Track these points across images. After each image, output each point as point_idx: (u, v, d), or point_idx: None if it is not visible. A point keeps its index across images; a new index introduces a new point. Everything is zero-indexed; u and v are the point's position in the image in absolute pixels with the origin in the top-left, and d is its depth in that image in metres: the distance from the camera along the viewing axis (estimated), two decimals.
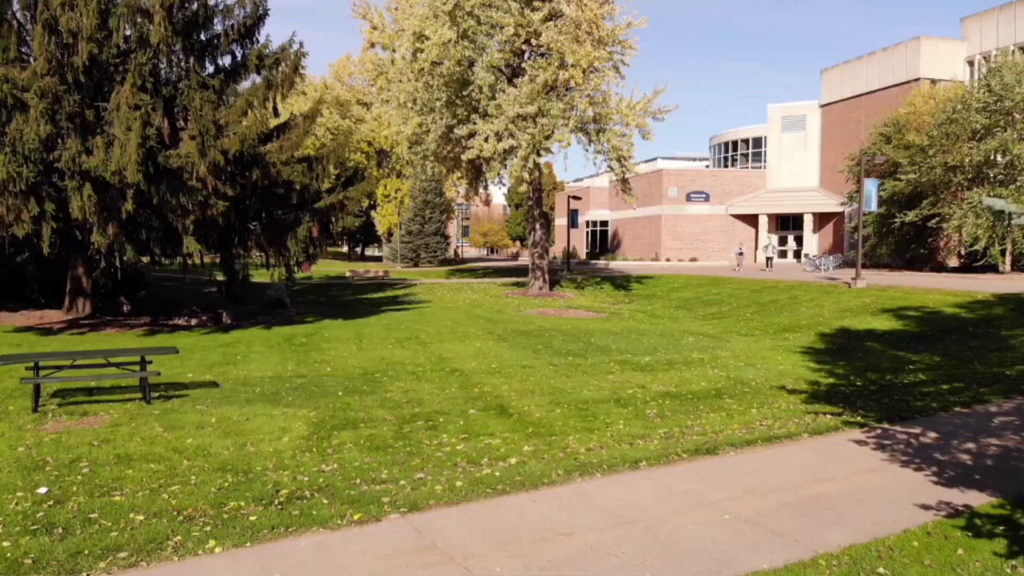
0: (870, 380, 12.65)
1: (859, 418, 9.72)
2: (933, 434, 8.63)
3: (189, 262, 19.68)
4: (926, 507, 6.35)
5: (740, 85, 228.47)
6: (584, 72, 25.55)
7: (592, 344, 16.96)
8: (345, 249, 78.50)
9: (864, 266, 35.68)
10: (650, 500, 6.60)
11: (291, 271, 20.54)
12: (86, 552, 5.42)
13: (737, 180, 47.36)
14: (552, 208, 59.84)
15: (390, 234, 58.50)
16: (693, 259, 46.01)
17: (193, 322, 19.65)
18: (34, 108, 14.86)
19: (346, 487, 6.87)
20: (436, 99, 27.49)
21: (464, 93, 27.10)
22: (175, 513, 6.19)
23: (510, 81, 26.97)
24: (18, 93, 14.96)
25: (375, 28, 32.02)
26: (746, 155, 49.61)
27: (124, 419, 9.38)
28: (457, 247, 71.22)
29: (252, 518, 6.06)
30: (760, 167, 47.91)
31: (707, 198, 46.61)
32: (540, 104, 25.61)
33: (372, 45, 33.09)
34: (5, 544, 5.54)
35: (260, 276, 25.89)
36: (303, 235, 18.41)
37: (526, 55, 27.55)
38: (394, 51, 30.56)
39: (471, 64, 26.53)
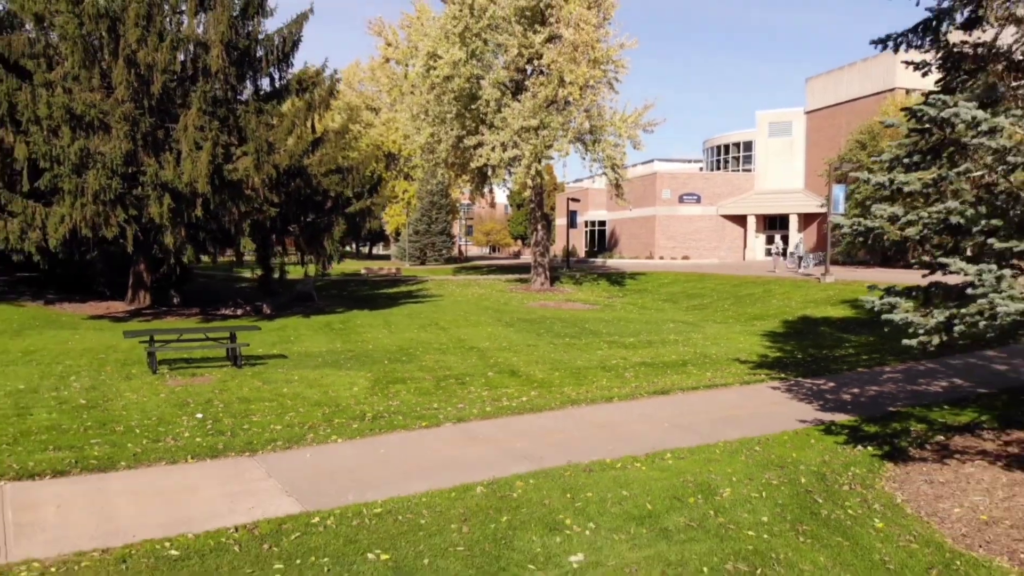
0: (809, 354, 15.86)
1: (784, 375, 12.95)
2: (831, 384, 11.87)
3: (232, 259, 22.86)
4: (803, 421, 9.58)
5: (735, 87, 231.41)
6: (581, 89, 28.76)
7: (586, 329, 20.15)
8: (353, 248, 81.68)
9: (844, 263, 38.93)
10: (617, 417, 9.82)
11: (326, 267, 23.67)
12: (253, 442, 8.63)
13: (727, 182, 50.59)
14: (552, 208, 63.04)
15: (398, 233, 61.72)
16: (685, 257, 49.21)
17: (239, 312, 22.83)
18: (117, 130, 18.06)
19: (410, 412, 10.09)
20: (447, 112, 30.69)
21: (473, 107, 30.33)
22: (300, 424, 9.40)
23: (514, 96, 30.17)
24: (103, 117, 18.18)
25: (389, 44, 35.29)
26: (737, 158, 52.81)
27: (227, 378, 12.58)
28: (461, 246, 74.35)
29: (354, 426, 9.29)
30: (750, 170, 51.12)
31: (699, 199, 49.81)
32: (542, 117, 28.81)
33: (387, 60, 36.29)
34: (198, 440, 8.74)
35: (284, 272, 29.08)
36: (337, 236, 21.60)
37: (529, 72, 30.72)
38: (407, 66, 33.75)
39: (479, 80, 29.73)
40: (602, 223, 59.78)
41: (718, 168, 54.40)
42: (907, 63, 8.25)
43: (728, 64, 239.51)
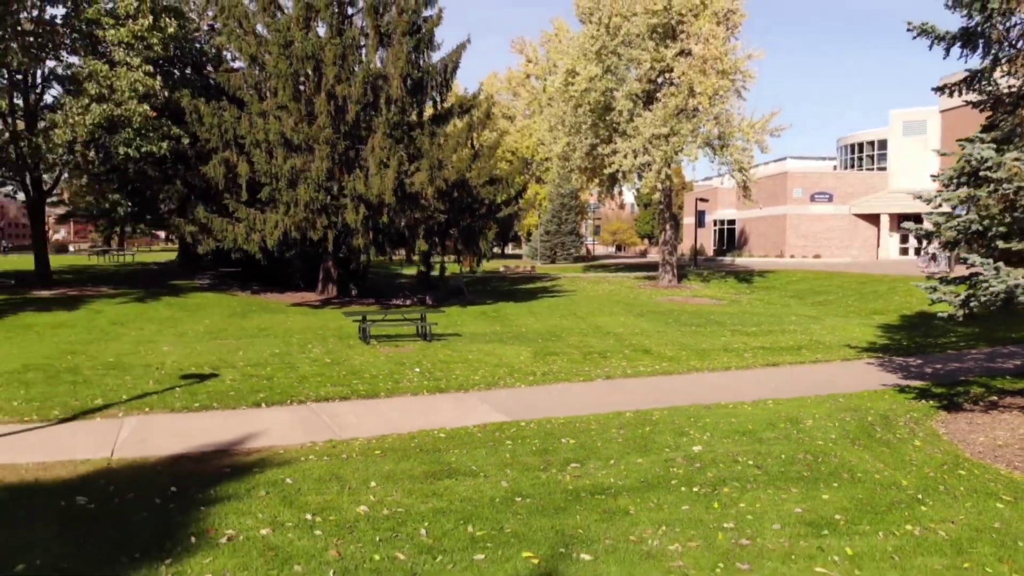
0: (914, 341, 17.93)
1: (881, 355, 15.30)
2: (919, 361, 14.19)
3: (403, 257, 27.08)
4: (884, 384, 12.13)
5: (869, 83, 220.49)
6: (710, 98, 31.21)
7: (711, 320, 22.83)
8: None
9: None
10: (732, 381, 12.75)
11: (479, 264, 27.55)
12: (463, 385, 12.22)
13: (860, 181, 50.86)
14: (681, 207, 64.90)
15: (529, 234, 65.67)
16: (817, 256, 50.00)
17: (407, 302, 27.08)
18: (319, 152, 22.53)
19: (568, 372, 13.45)
20: (582, 122, 33.95)
21: (607, 117, 33.42)
22: (491, 376, 12.95)
23: (645, 106, 32.99)
24: (309, 141, 22.72)
25: (530, 61, 39.04)
26: (871, 156, 52.87)
27: (423, 348, 16.40)
28: (588, 245, 77.44)
29: (529, 379, 12.75)
30: (884, 168, 51.13)
31: (830, 198, 50.43)
32: (672, 125, 31.50)
33: (528, 76, 40.03)
34: (424, 383, 12.43)
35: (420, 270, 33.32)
36: (491, 237, 25.37)
37: (659, 84, 33.43)
38: (545, 80, 37.27)
39: (613, 92, 32.77)
40: (731, 222, 61.11)
41: (852, 167, 54.62)
42: (966, 102, 10.70)
43: (862, 58, 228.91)
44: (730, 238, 61.24)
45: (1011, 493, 7.28)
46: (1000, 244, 8.35)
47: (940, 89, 10.53)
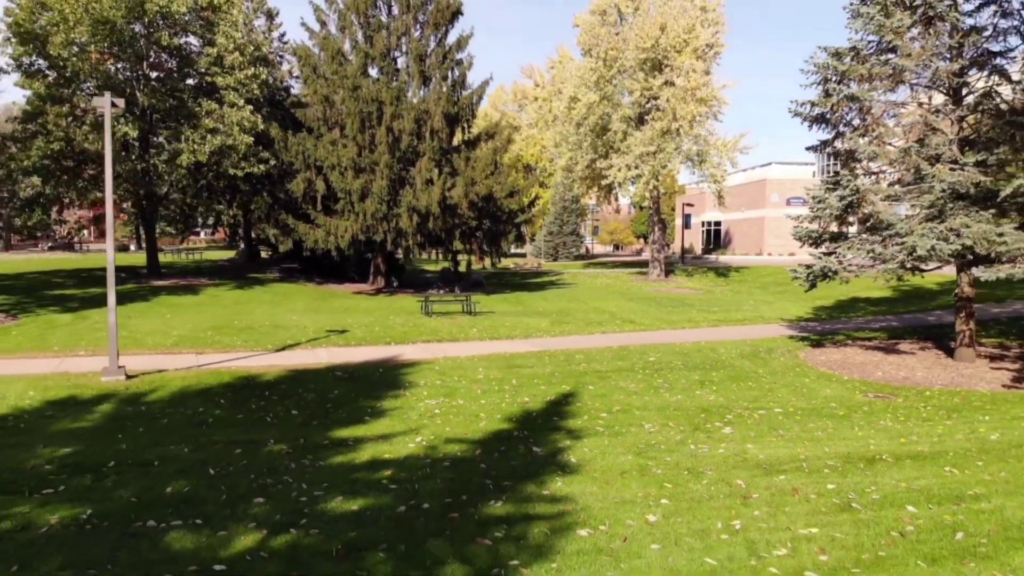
0: (830, 315, 24.80)
1: (796, 322, 22.20)
2: (816, 324, 21.08)
3: (421, 256, 33.91)
4: (782, 335, 19.04)
5: None
6: (690, 122, 38.08)
7: (685, 303, 29.74)
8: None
9: None
10: (683, 334, 19.68)
11: (500, 260, 34.41)
12: (511, 336, 19.11)
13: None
14: (673, 209, 71.86)
15: (533, 235, 72.57)
16: (792, 254, 56.96)
17: (440, 292, 33.91)
18: (380, 173, 29.37)
19: (577, 332, 20.36)
20: (583, 140, 40.84)
21: (604, 136, 40.32)
22: (526, 332, 19.83)
23: (636, 127, 39.86)
24: (372, 165, 29.55)
25: (537, 85, 45.87)
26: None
27: (470, 319, 23.20)
28: (588, 244, 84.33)
29: (551, 334, 19.65)
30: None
31: (804, 202, 57.38)
32: (658, 144, 38.36)
33: (536, 99, 46.97)
34: (485, 334, 19.30)
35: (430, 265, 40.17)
36: (511, 239, 32.23)
37: (648, 108, 40.32)
38: (551, 101, 44.15)
39: (609, 115, 39.65)
40: (717, 223, 68.10)
41: (826, 172, 61.61)
42: (829, 154, 17.60)
43: None
44: (716, 238, 68.24)
45: (817, 376, 14.21)
46: (826, 245, 15.25)
47: (811, 148, 17.42)
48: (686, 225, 60.09)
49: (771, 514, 6.86)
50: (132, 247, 62.36)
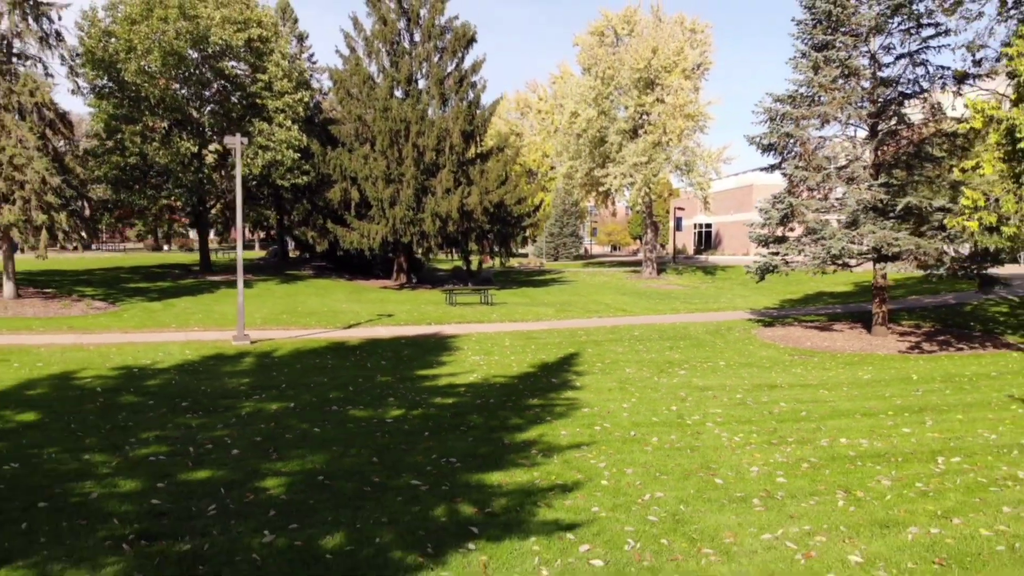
0: (793, 305, 29.72)
1: (760, 310, 27.15)
2: (775, 311, 26.03)
3: (433, 255, 38.82)
4: (743, 318, 23.98)
5: None
6: (679, 136, 43.01)
7: (671, 296, 34.68)
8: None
9: None
10: (663, 317, 24.60)
11: (508, 259, 39.33)
12: (525, 319, 24.03)
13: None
14: (667, 212, 76.86)
15: (535, 236, 77.53)
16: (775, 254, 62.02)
17: (456, 287, 38.80)
18: (407, 183, 34.24)
19: (578, 317, 25.27)
20: (582, 150, 45.75)
21: (601, 147, 45.24)
22: (536, 318, 24.75)
23: (631, 139, 44.77)
24: (400, 176, 34.45)
25: (541, 99, 50.71)
26: None
27: (488, 308, 28.11)
28: (587, 245, 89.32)
29: (557, 319, 24.59)
30: None
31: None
32: (650, 155, 43.27)
33: (539, 111, 51.89)
34: (503, 320, 24.21)
35: (443, 263, 45.13)
36: (519, 240, 37.15)
37: (641, 122, 45.24)
38: (553, 114, 49.04)
39: (606, 128, 44.55)
40: (708, 225, 73.10)
41: None
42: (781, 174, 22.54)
43: None
44: (707, 239, 73.25)
45: (760, 344, 19.13)
46: (771, 246, 20.15)
47: (763, 169, 22.33)
48: (677, 227, 65.10)
49: (696, 405, 11.82)
50: (165, 247, 67.11)
